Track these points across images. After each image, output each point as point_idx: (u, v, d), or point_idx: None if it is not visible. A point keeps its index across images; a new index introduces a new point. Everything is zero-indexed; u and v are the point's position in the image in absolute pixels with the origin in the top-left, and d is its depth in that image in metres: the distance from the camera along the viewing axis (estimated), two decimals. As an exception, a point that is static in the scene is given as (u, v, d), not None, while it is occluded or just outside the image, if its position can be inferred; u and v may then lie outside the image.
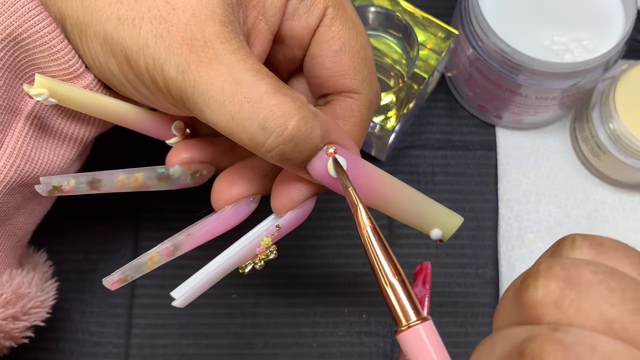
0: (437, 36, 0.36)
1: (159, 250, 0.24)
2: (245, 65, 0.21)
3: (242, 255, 0.25)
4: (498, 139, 0.40)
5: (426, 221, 0.24)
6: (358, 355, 0.36)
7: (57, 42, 0.24)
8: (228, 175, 0.26)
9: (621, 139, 0.35)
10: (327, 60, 0.25)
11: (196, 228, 0.25)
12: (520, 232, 0.37)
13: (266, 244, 0.25)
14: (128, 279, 0.24)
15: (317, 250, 0.38)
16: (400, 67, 0.36)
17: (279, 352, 0.36)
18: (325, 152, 0.22)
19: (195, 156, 0.26)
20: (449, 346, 0.37)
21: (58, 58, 0.24)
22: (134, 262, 0.24)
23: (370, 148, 0.38)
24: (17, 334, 0.29)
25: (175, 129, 0.27)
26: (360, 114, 0.25)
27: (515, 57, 0.33)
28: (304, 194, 0.24)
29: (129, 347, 0.36)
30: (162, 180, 0.26)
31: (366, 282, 0.37)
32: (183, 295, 0.24)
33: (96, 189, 0.25)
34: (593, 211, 0.38)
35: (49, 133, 0.26)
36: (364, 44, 0.25)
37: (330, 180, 0.23)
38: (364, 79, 0.25)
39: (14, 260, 0.29)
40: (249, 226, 0.26)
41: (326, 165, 0.22)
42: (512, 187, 0.39)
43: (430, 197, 0.39)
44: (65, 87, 0.24)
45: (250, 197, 0.26)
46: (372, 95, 0.25)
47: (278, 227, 0.25)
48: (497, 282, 0.37)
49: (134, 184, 0.25)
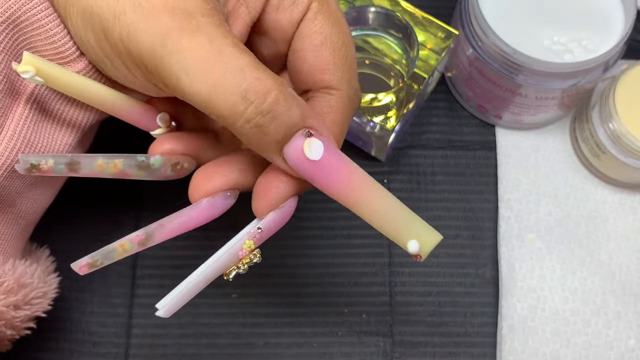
0: (437, 36, 0.36)
1: (130, 238, 0.24)
2: (227, 40, 0.21)
3: (225, 261, 0.24)
4: (498, 139, 0.40)
5: (403, 232, 0.24)
6: (358, 355, 0.36)
7: (53, 26, 0.24)
8: (206, 169, 0.26)
9: (621, 139, 0.35)
10: (308, 54, 0.25)
11: (170, 219, 0.25)
12: (520, 232, 0.38)
13: (249, 247, 0.24)
14: (97, 264, 0.24)
15: (317, 250, 0.38)
16: (400, 67, 0.36)
17: (279, 352, 0.36)
18: (302, 134, 0.22)
19: (177, 148, 0.26)
20: (449, 346, 0.37)
21: (54, 42, 0.24)
22: (105, 249, 0.24)
23: (370, 148, 0.38)
24: (18, 323, 0.29)
25: (160, 120, 0.27)
26: (339, 111, 0.25)
27: (515, 57, 0.33)
28: (283, 194, 0.24)
29: (129, 347, 0.36)
30: (142, 169, 0.26)
31: (366, 282, 0.37)
32: (166, 305, 0.24)
33: (75, 171, 0.24)
34: (593, 211, 0.38)
35: (49, 117, 0.27)
36: (346, 41, 0.25)
37: (306, 167, 0.22)
38: (343, 75, 0.25)
39: (17, 251, 0.30)
40: (240, 226, 0.26)
41: (302, 147, 0.22)
42: (512, 187, 0.39)
43: (430, 197, 0.40)
44: (52, 67, 0.24)
45: (227, 192, 0.25)
46: (351, 92, 0.25)
47: (260, 229, 0.24)
48: (497, 282, 0.37)
49: (113, 170, 0.25)
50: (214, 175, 0.25)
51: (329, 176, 0.23)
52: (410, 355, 0.36)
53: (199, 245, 0.37)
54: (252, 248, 0.24)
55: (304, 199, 0.39)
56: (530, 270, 0.37)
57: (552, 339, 0.35)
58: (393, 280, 0.37)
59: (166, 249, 0.37)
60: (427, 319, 0.37)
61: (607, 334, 0.35)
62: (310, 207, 0.39)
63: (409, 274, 0.38)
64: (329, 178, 0.23)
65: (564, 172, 0.39)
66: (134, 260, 0.38)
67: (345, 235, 0.38)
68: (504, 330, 0.36)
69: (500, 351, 0.36)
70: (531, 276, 0.36)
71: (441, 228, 0.38)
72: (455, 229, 0.38)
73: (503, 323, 0.36)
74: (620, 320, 0.36)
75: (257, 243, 0.25)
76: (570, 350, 0.35)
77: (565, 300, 0.36)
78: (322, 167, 0.22)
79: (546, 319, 0.36)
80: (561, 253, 0.37)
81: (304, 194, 0.25)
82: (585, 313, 0.36)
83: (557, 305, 0.36)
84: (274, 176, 0.24)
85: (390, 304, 0.37)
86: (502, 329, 0.36)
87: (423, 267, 0.38)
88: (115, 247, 0.24)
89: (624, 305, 0.36)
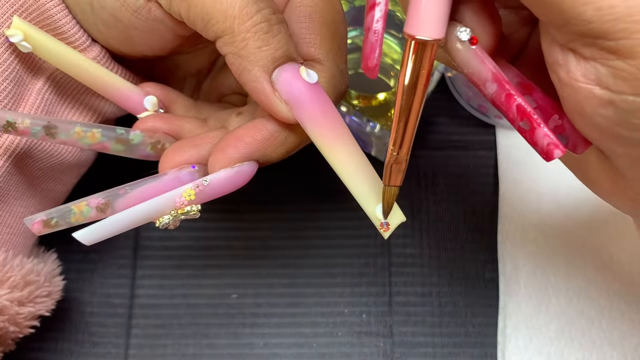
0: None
1: (88, 200, 0.23)
2: None
3: (160, 203, 0.23)
4: (498, 139, 0.40)
5: (375, 194, 0.23)
6: (358, 355, 0.36)
7: (62, 16, 0.25)
8: (180, 142, 0.26)
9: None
10: (296, 25, 0.24)
11: (132, 186, 0.24)
12: (521, 232, 0.37)
13: (188, 195, 0.23)
14: (52, 224, 0.23)
15: (317, 250, 0.38)
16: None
17: (279, 352, 0.36)
18: (297, 64, 0.22)
19: (160, 126, 0.26)
20: (449, 346, 0.37)
21: (64, 32, 0.25)
22: (60, 207, 0.23)
23: (370, 148, 0.38)
24: (21, 319, 0.29)
25: (147, 102, 0.27)
26: None
27: (515, 57, 0.33)
28: (240, 154, 0.23)
29: (129, 347, 0.36)
30: (121, 142, 0.25)
31: (366, 282, 0.37)
32: (86, 232, 0.23)
33: (52, 136, 0.24)
34: (594, 211, 0.38)
35: (68, 99, 0.27)
36: (337, 19, 0.25)
37: (300, 89, 0.22)
38: (330, 50, 0.24)
39: (26, 248, 0.30)
40: (244, 227, 0.26)
41: (299, 70, 0.22)
42: (512, 187, 0.39)
43: (430, 197, 0.40)
44: (41, 34, 0.24)
45: (194, 166, 0.25)
46: (336, 70, 0.25)
47: (205, 181, 0.23)
48: (497, 282, 0.37)
49: (91, 140, 0.25)
50: (184, 148, 0.25)
51: (317, 106, 0.22)
52: (410, 356, 0.36)
53: (200, 245, 0.38)
54: (191, 199, 0.23)
55: (305, 199, 0.39)
56: (533, 269, 0.37)
57: (556, 338, 0.35)
58: (393, 280, 0.37)
59: (166, 249, 0.38)
60: (427, 319, 0.37)
61: (610, 333, 0.35)
62: (310, 207, 0.39)
63: (409, 274, 0.38)
64: (317, 108, 0.22)
65: (564, 171, 0.39)
66: (133, 260, 0.38)
67: (345, 235, 0.38)
68: (508, 330, 0.36)
69: (502, 351, 0.36)
70: (534, 275, 0.36)
71: (441, 228, 0.38)
72: (455, 229, 0.38)
73: (507, 322, 0.36)
74: (624, 319, 0.36)
75: (198, 196, 0.23)
76: (574, 349, 0.35)
77: (569, 299, 0.36)
78: (314, 93, 0.22)
79: (550, 318, 0.36)
80: (564, 253, 0.37)
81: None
82: (589, 312, 0.36)
83: (561, 305, 0.36)
84: (237, 136, 0.23)
85: (390, 304, 0.37)
86: (506, 328, 0.36)
87: (423, 267, 0.38)
88: (71, 208, 0.23)
89: (628, 305, 0.36)
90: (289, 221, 0.39)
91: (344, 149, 0.23)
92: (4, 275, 0.27)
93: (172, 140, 0.26)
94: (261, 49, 0.22)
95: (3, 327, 0.28)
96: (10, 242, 0.28)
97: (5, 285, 0.27)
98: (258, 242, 0.38)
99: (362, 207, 0.23)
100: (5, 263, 0.27)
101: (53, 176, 0.29)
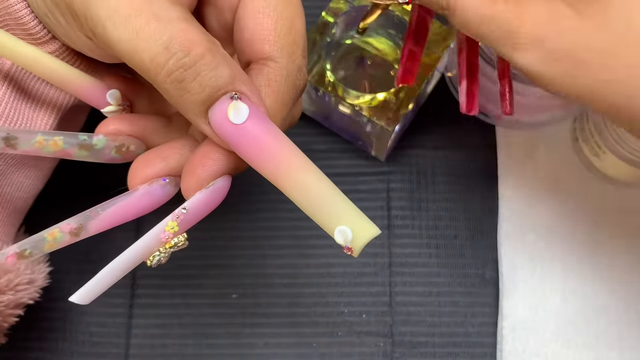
0: (437, 36, 0.36)
1: (60, 226, 0.23)
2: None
3: (146, 244, 0.22)
4: (498, 139, 0.40)
5: (334, 217, 0.21)
6: (358, 355, 0.36)
7: (21, 8, 0.24)
8: (147, 154, 0.25)
9: (621, 139, 0.35)
10: (250, 22, 0.23)
11: (104, 206, 0.23)
12: (521, 232, 0.37)
13: (171, 228, 0.22)
14: (26, 255, 0.23)
15: (317, 250, 0.38)
16: (400, 67, 0.36)
17: (279, 352, 0.36)
18: (230, 97, 0.21)
19: (123, 128, 0.25)
20: (449, 346, 0.37)
21: (24, 24, 0.24)
22: (33, 237, 0.23)
23: (370, 148, 0.38)
24: (2, 307, 0.28)
25: (110, 96, 0.26)
26: (276, 84, 0.23)
27: (515, 57, 0.33)
28: (211, 172, 0.22)
29: (129, 347, 0.36)
30: (84, 148, 0.25)
31: (366, 282, 0.37)
32: (82, 292, 0.22)
33: (12, 147, 0.23)
34: (593, 211, 0.38)
35: (28, 96, 0.26)
36: (293, 13, 0.24)
37: (229, 132, 0.21)
38: (285, 47, 0.23)
39: (7, 237, 0.29)
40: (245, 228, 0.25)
41: (227, 110, 0.21)
42: (512, 187, 0.39)
43: (430, 197, 0.40)
44: (1, 34, 0.23)
45: (165, 179, 0.24)
46: (293, 67, 0.23)
47: (184, 209, 0.22)
48: (497, 282, 0.37)
49: (54, 148, 0.24)
50: (153, 161, 0.24)
51: (251, 145, 0.21)
52: (410, 356, 0.36)
53: (200, 245, 0.37)
54: (175, 230, 0.22)
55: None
56: (531, 269, 0.37)
57: (553, 339, 0.35)
58: (393, 280, 0.37)
59: (166, 249, 0.38)
60: (427, 319, 0.37)
61: (608, 334, 0.35)
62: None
63: (409, 274, 0.38)
64: (251, 147, 0.21)
65: (564, 172, 0.39)
66: (134, 260, 0.38)
67: (345, 235, 0.38)
68: (505, 330, 0.36)
69: (500, 351, 0.36)
70: (532, 276, 0.36)
71: (441, 228, 0.38)
72: (455, 229, 0.38)
73: (504, 323, 0.36)
74: (621, 320, 0.36)
75: (181, 225, 0.23)
76: (571, 350, 0.35)
77: (566, 300, 0.36)
78: (246, 133, 0.21)
79: (547, 319, 0.36)
80: (562, 253, 0.37)
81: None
82: (586, 313, 0.36)
83: (558, 305, 0.36)
84: (203, 154, 0.23)
85: (390, 304, 0.37)
86: (503, 329, 0.36)
87: (423, 267, 0.38)
88: (44, 236, 0.23)
89: (625, 305, 0.36)
90: (289, 221, 0.39)
91: (294, 180, 0.21)
92: None
93: (137, 142, 0.26)
94: (183, 97, 0.21)
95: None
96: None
97: None
98: (258, 242, 0.38)
99: (326, 230, 0.22)
100: None
101: (28, 163, 0.28)
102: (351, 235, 0.21)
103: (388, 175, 0.39)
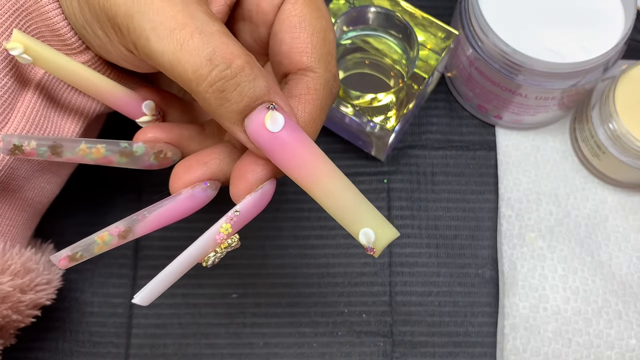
0: (437, 36, 0.36)
1: (110, 230, 0.24)
2: (201, 7, 0.22)
3: (202, 245, 0.24)
4: (498, 139, 0.40)
5: (358, 220, 0.23)
6: (358, 355, 0.36)
7: (59, 20, 0.25)
8: (187, 160, 0.26)
9: (621, 139, 0.35)
10: (286, 36, 0.25)
11: (150, 210, 0.25)
12: (521, 231, 0.38)
13: (225, 230, 0.24)
14: (77, 257, 0.24)
15: (317, 250, 0.38)
16: (400, 67, 0.36)
17: (279, 352, 0.36)
18: (266, 107, 0.22)
19: (160, 136, 0.27)
20: (449, 346, 0.37)
21: (60, 35, 0.25)
22: (84, 240, 0.24)
23: (370, 148, 0.38)
24: (23, 307, 0.29)
25: (145, 107, 0.27)
26: (316, 92, 0.25)
27: (515, 57, 0.33)
28: (259, 177, 0.24)
29: (129, 347, 0.36)
30: (125, 155, 0.26)
31: (366, 282, 0.37)
32: (143, 294, 0.24)
33: (58, 155, 0.24)
34: (593, 211, 0.38)
35: (57, 104, 0.27)
36: (325, 26, 0.25)
37: (265, 140, 0.22)
38: (321, 57, 0.25)
39: (24, 240, 0.30)
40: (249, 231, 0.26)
41: (264, 118, 0.22)
42: (512, 187, 0.39)
43: (430, 197, 0.40)
44: (40, 46, 0.24)
45: (207, 183, 0.25)
46: (329, 76, 0.25)
47: (237, 212, 0.24)
48: (497, 282, 0.37)
49: (96, 155, 0.25)
50: (193, 166, 0.25)
51: (286, 152, 0.22)
52: (410, 355, 0.36)
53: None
54: (229, 231, 0.24)
55: (304, 198, 0.39)
56: (531, 269, 0.37)
57: (553, 339, 0.35)
58: (393, 280, 0.37)
59: (166, 249, 0.38)
60: (427, 319, 0.37)
61: (608, 333, 0.35)
62: (310, 207, 0.39)
63: (409, 274, 0.38)
64: (285, 154, 0.22)
65: (564, 172, 0.39)
66: (134, 260, 0.38)
67: (345, 235, 0.38)
68: (506, 330, 0.36)
69: (501, 350, 0.36)
70: (532, 275, 0.37)
71: (441, 228, 0.38)
72: (455, 229, 0.38)
73: (505, 322, 0.36)
74: (621, 319, 0.36)
75: (234, 227, 0.24)
76: (571, 349, 0.35)
77: (566, 299, 0.36)
78: (281, 141, 0.22)
79: (547, 319, 0.36)
80: (562, 252, 0.37)
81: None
82: (587, 312, 0.36)
83: (558, 305, 0.36)
84: (251, 159, 0.24)
85: (390, 304, 0.37)
86: (504, 328, 0.36)
87: (423, 267, 0.38)
88: (94, 239, 0.24)
89: (625, 305, 0.36)
90: (289, 221, 0.39)
91: (323, 185, 0.23)
92: (4, 263, 0.28)
93: (173, 149, 0.27)
94: (223, 106, 0.22)
95: (6, 315, 0.28)
96: (10, 233, 0.29)
97: (6, 272, 0.28)
98: (258, 242, 0.38)
99: (350, 232, 0.24)
100: (5, 252, 0.28)
101: (50, 169, 0.29)
102: (374, 237, 0.23)
103: (388, 175, 0.39)
